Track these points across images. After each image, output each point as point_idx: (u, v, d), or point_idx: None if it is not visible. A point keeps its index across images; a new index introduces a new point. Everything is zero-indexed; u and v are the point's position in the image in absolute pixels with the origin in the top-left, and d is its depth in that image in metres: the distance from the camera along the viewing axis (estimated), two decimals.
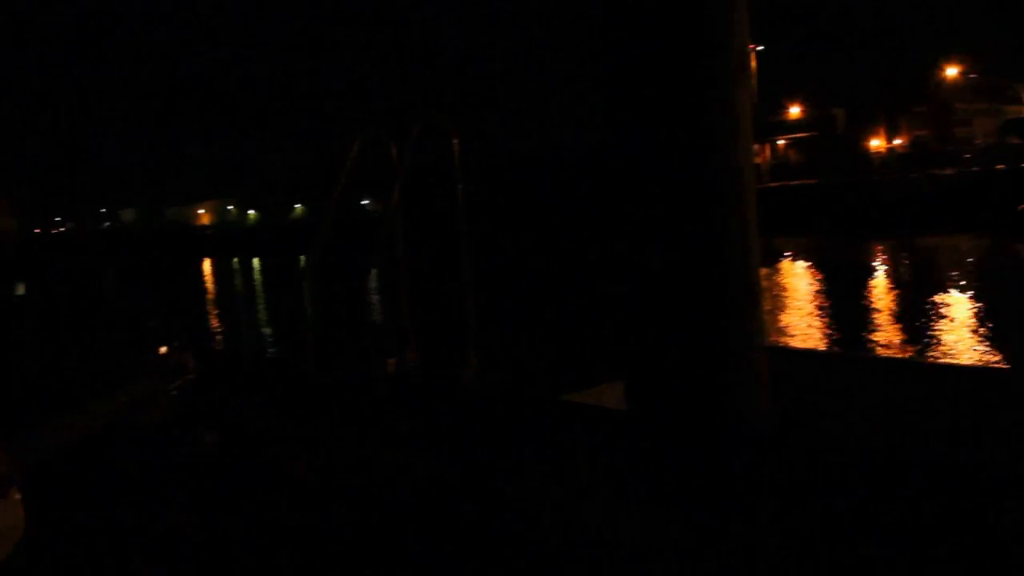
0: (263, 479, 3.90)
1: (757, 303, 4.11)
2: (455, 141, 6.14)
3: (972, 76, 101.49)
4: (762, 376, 4.07)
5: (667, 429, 3.83)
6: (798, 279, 44.06)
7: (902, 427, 6.56)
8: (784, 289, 39.87)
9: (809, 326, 29.26)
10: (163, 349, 2.66)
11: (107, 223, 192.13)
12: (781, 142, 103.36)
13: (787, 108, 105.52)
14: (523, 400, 5.58)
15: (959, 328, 26.84)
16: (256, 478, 3.93)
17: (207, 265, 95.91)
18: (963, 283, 37.21)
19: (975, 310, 30.17)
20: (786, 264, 50.83)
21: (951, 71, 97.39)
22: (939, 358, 23.16)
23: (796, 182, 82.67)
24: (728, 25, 4.10)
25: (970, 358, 22.90)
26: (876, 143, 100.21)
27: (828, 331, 28.38)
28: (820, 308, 33.39)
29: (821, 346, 25.99)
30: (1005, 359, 22.66)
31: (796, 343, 26.35)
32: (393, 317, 6.92)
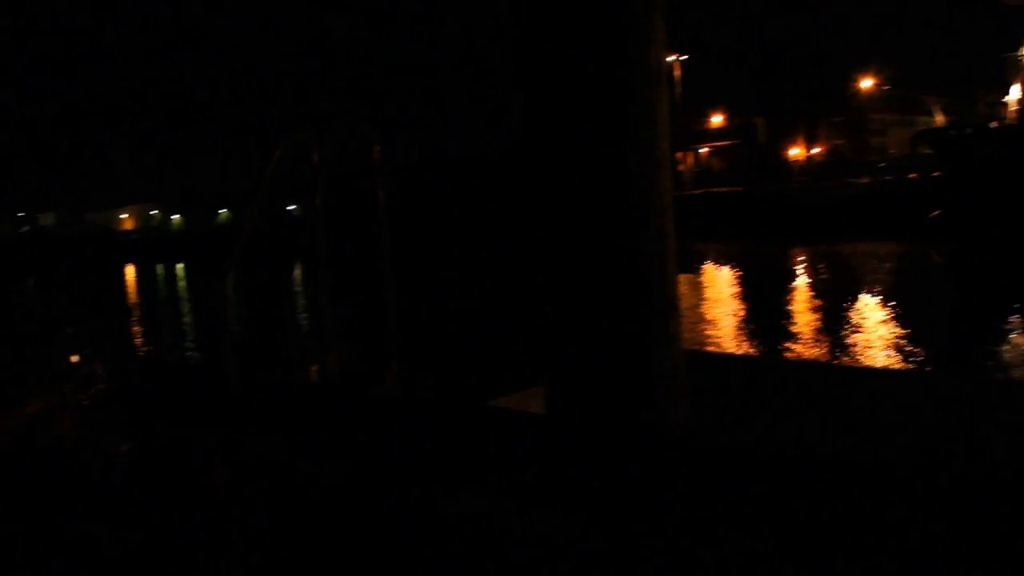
0: (178, 490, 3.81)
1: (675, 308, 4.14)
2: (376, 147, 6.11)
3: (887, 89, 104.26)
4: (681, 381, 4.10)
5: (585, 435, 3.84)
6: (720, 284, 44.74)
7: (820, 429, 6.67)
8: (707, 294, 40.43)
9: (731, 330, 29.70)
10: (75, 357, 2.56)
11: (26, 227, 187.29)
12: (704, 150, 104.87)
13: (710, 117, 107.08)
14: (446, 405, 5.54)
15: (874, 331, 27.48)
16: (170, 490, 3.84)
17: (129, 270, 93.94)
18: (879, 287, 38.16)
19: (890, 313, 30.93)
20: (709, 269, 51.55)
21: (867, 83, 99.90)
22: (856, 360, 23.67)
23: (719, 189, 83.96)
24: (646, 34, 4.13)
25: (885, 360, 23.45)
26: (795, 151, 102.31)
27: (749, 335, 28.83)
28: (742, 312, 33.92)
29: (742, 350, 26.39)
30: (917, 360, 23.27)
31: (718, 347, 26.71)
32: (317, 322, 6.84)
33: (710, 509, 2.98)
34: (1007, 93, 75.28)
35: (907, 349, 24.77)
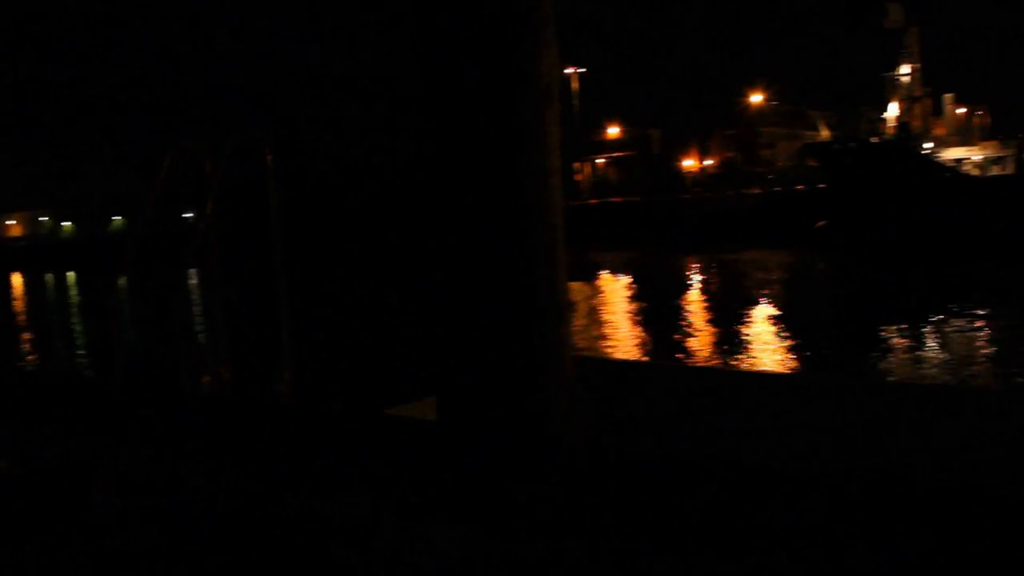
0: (59, 506, 3.70)
1: (564, 315, 4.19)
2: (270, 156, 6.05)
3: (775, 104, 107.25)
4: (571, 388, 4.15)
5: (474, 443, 3.86)
6: (617, 291, 45.31)
7: (714, 433, 6.82)
8: (603, 301, 40.92)
9: (626, 336, 30.08)
10: None
11: None
12: (601, 160, 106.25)
13: (607, 129, 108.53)
14: (339, 414, 5.48)
15: (763, 335, 28.16)
16: (52, 506, 3.73)
17: (16, 279, 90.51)
18: (768, 294, 39.20)
19: (778, 318, 31.78)
20: (606, 277, 52.17)
21: (757, 99, 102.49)
22: (747, 364, 24.22)
23: (615, 199, 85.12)
24: (537, 47, 4.18)
25: (775, 364, 24.06)
26: (689, 163, 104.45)
27: (645, 341, 29.25)
28: (638, 319, 34.39)
29: (638, 355, 26.74)
30: (805, 364, 23.96)
31: (614, 353, 27.02)
32: (212, 331, 6.72)
33: (590, 513, 3.03)
34: (886, 110, 78.33)
35: (794, 352, 25.49)
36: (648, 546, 2.58)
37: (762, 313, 33.66)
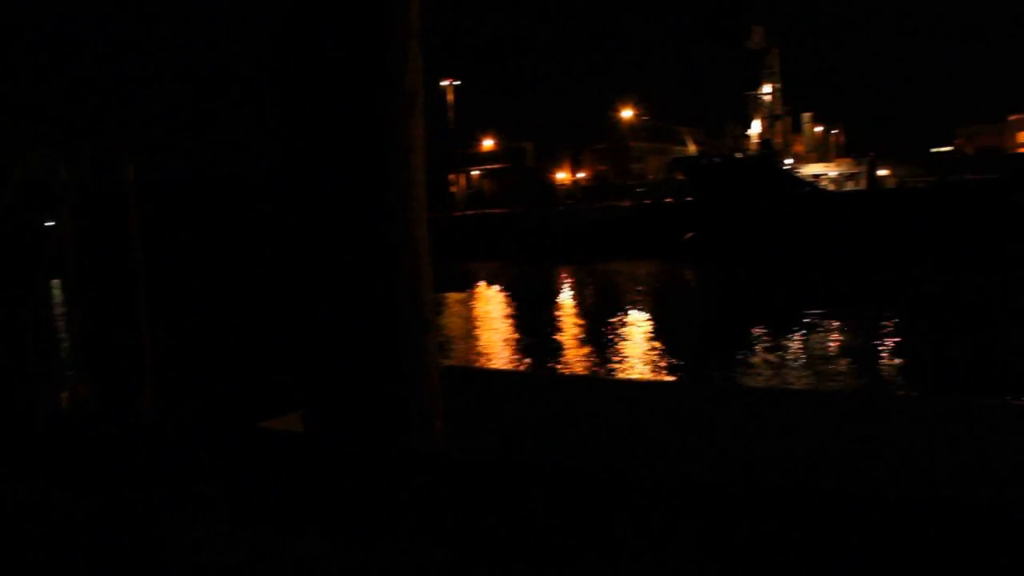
0: None
1: (430, 325, 4.19)
2: (129, 167, 5.85)
3: (645, 119, 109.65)
4: (437, 398, 4.14)
5: (341, 455, 3.82)
6: (492, 302, 45.47)
7: (586, 443, 6.89)
8: (478, 312, 41.02)
9: (499, 345, 30.20)
10: None
11: None
12: (476, 172, 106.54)
13: (481, 141, 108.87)
14: (205, 430, 5.31)
15: (636, 344, 28.69)
16: None
17: None
18: (638, 304, 40.00)
19: (649, 328, 32.45)
20: (481, 288, 52.30)
21: (627, 114, 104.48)
22: (618, 372, 24.61)
23: (489, 211, 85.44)
24: (403, 59, 4.16)
25: (644, 371, 24.52)
26: (562, 176, 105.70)
27: (519, 350, 29.40)
28: (512, 329, 34.57)
29: (511, 364, 26.87)
30: (674, 371, 24.51)
31: (488, 362, 27.08)
32: (72, 346, 6.45)
33: (445, 518, 3.02)
34: (750, 127, 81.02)
35: (664, 360, 26.05)
36: (496, 552, 2.60)
37: (632, 321, 34.29)
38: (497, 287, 52.78)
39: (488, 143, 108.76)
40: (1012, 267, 45.11)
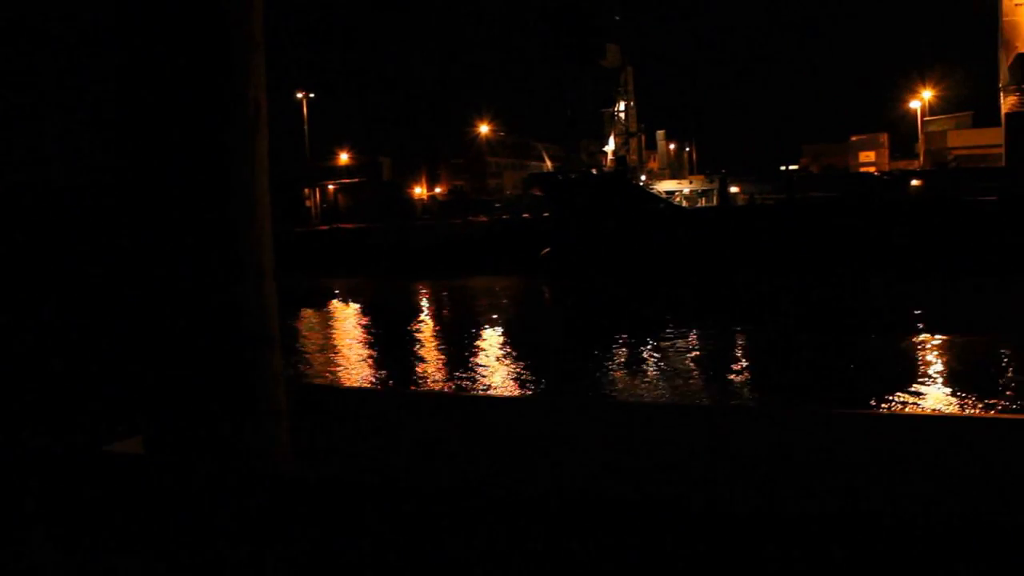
0: None
1: (275, 343, 4.15)
2: None
3: (502, 135, 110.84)
4: (281, 417, 4.11)
5: (183, 476, 3.74)
6: (347, 318, 44.99)
7: (441, 459, 6.92)
8: (332, 328, 40.52)
9: (356, 363, 29.92)
10: None
11: None
12: (331, 187, 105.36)
13: (337, 154, 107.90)
14: (45, 455, 5.12)
15: (494, 361, 28.86)
16: None
17: None
18: (496, 319, 40.27)
19: (507, 344, 32.69)
20: (336, 304, 51.67)
21: (484, 128, 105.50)
22: (476, 390, 24.72)
23: (345, 225, 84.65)
24: (245, 71, 4.14)
25: (504, 389, 24.69)
26: (419, 190, 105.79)
27: (373, 368, 29.20)
28: (368, 345, 34.29)
29: (366, 381, 26.66)
30: (536, 389, 24.77)
31: (343, 379, 26.80)
32: None
33: (281, 541, 3.02)
34: (605, 144, 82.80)
35: (518, 374, 26.30)
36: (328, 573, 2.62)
37: (488, 338, 34.54)
38: (353, 303, 52.27)
39: (344, 157, 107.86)
40: (855, 279, 47.61)
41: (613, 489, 5.71)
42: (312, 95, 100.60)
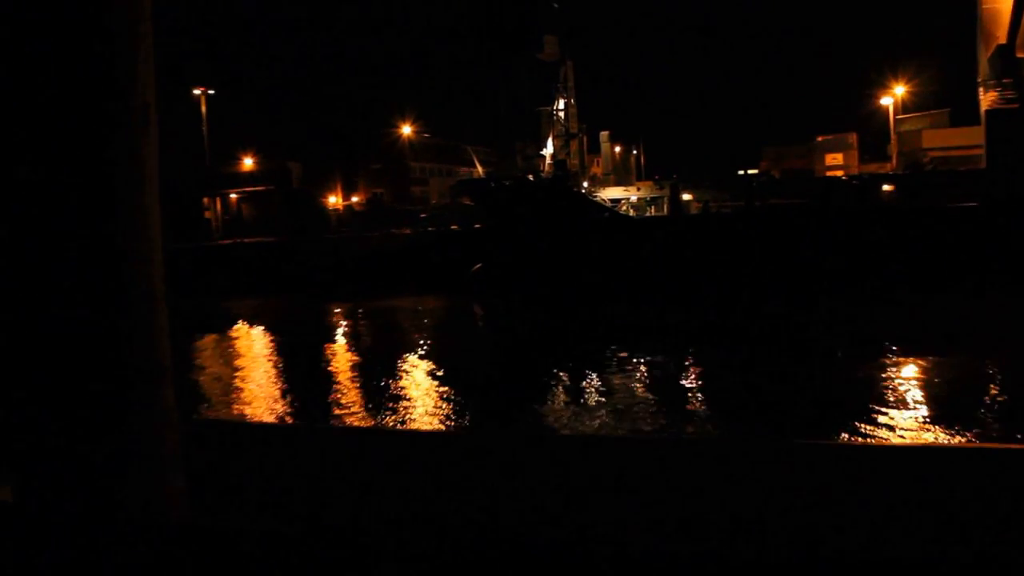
0: None
1: (166, 373, 4.14)
2: None
3: (427, 137, 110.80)
4: (172, 457, 4.08)
5: (56, 523, 3.71)
6: (253, 344, 44.56)
7: (354, 499, 6.94)
8: (235, 355, 40.10)
9: (261, 395, 29.65)
10: None
11: None
12: (234, 196, 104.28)
13: (241, 159, 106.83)
14: None
15: (417, 392, 28.79)
16: None
17: None
18: (421, 345, 40.17)
19: (435, 372, 32.65)
20: (241, 328, 51.12)
21: (407, 130, 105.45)
22: (395, 424, 24.65)
23: (250, 239, 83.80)
24: (132, 67, 4.14)
25: (426, 421, 24.67)
26: (334, 200, 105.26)
27: (280, 399, 28.96)
28: (275, 375, 33.98)
29: (269, 415, 26.44)
30: (462, 422, 24.79)
31: (245, 414, 26.54)
32: None
33: None
34: (543, 147, 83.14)
35: (446, 408, 26.31)
36: None
37: (411, 364, 34.49)
38: (260, 327, 51.77)
39: (248, 162, 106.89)
40: (820, 294, 48.43)
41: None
42: (212, 91, 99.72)
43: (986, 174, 59.75)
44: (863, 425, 22.03)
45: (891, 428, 21.83)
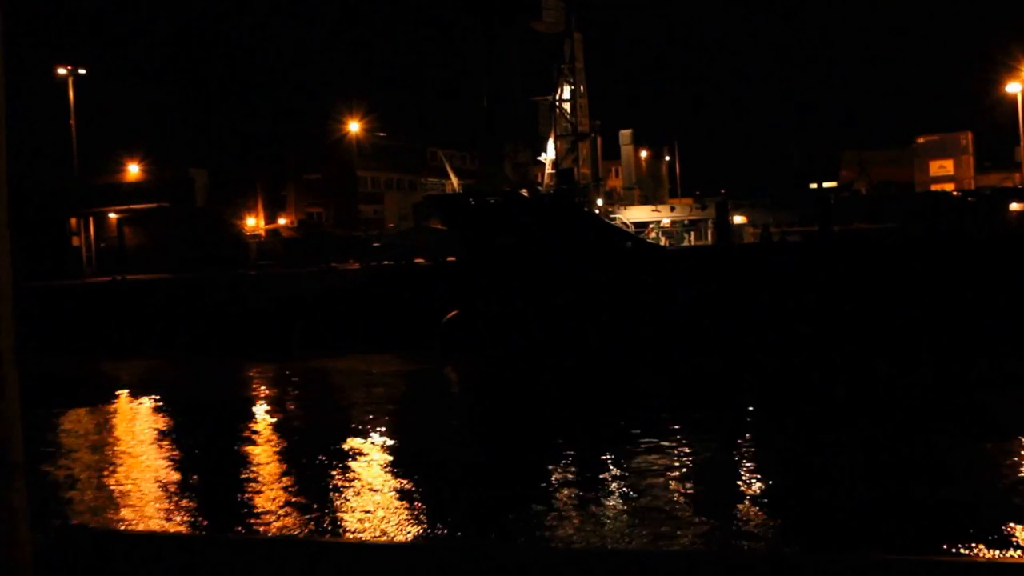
0: None
1: (17, 470, 4.05)
2: None
3: (382, 137, 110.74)
4: (25, 572, 4.00)
5: None
6: (139, 423, 44.39)
7: None
8: (116, 439, 39.93)
9: (153, 494, 29.57)
10: None
11: None
12: (114, 215, 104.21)
13: (125, 166, 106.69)
14: None
15: (370, 490, 28.69)
16: None
17: None
18: (376, 425, 39.98)
19: (392, 464, 32.54)
20: (122, 401, 51.07)
21: (355, 127, 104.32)
22: (335, 532, 24.58)
23: (137, 276, 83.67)
24: None
25: (381, 531, 24.58)
26: (253, 222, 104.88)
27: (178, 501, 28.86)
28: (171, 466, 33.88)
29: (162, 524, 26.36)
30: (431, 531, 24.69)
31: (128, 520, 26.45)
32: None
33: None
34: (544, 150, 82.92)
35: (406, 514, 26.23)
36: None
37: (359, 451, 34.36)
38: (149, 398, 51.64)
39: (135, 170, 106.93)
40: (924, 357, 48.40)
41: None
42: (82, 71, 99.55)
43: None
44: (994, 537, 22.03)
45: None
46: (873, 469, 29.03)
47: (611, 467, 30.61)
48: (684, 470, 29.94)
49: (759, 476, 29.26)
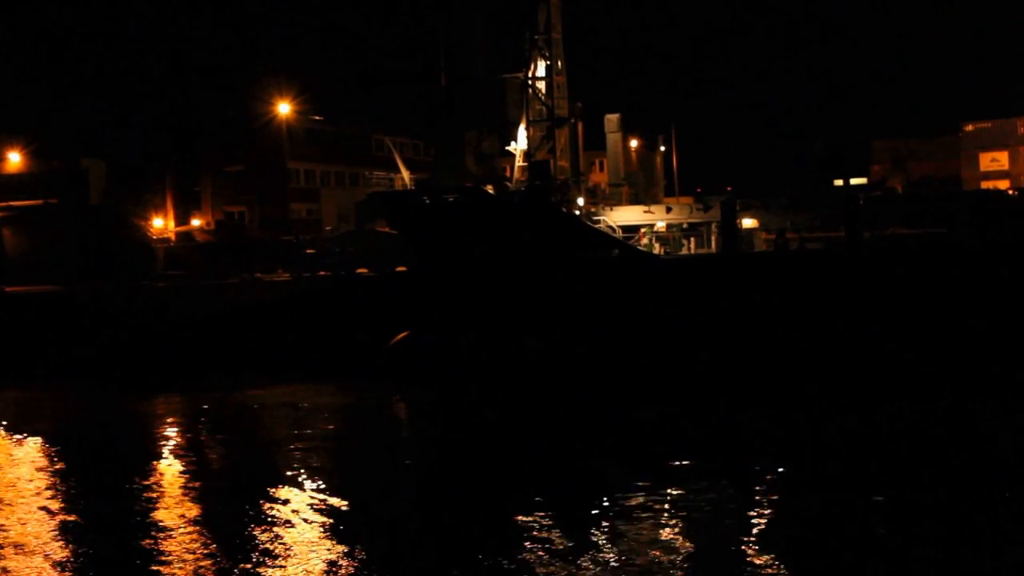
0: None
1: None
2: None
3: (319, 122, 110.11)
4: None
5: None
6: (16, 471, 43.70)
7: None
8: None
9: (24, 561, 28.95)
10: None
11: None
12: None
13: (4, 157, 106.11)
14: None
15: (302, 551, 28.19)
16: None
17: None
18: (310, 470, 39.46)
19: (327, 521, 31.98)
20: (0, 438, 50.80)
21: (284, 109, 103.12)
22: None
23: (16, 287, 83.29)
24: None
25: None
26: (160, 222, 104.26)
27: (61, 571, 28.28)
28: (52, 525, 33.48)
29: None
30: None
31: None
32: None
33: None
34: (513, 138, 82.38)
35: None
36: None
37: (292, 509, 33.83)
38: (25, 438, 51.16)
39: (16, 159, 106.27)
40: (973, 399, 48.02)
41: None
42: None
43: None
44: None
45: None
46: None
47: (590, 527, 30.10)
48: (677, 532, 29.56)
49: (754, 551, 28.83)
